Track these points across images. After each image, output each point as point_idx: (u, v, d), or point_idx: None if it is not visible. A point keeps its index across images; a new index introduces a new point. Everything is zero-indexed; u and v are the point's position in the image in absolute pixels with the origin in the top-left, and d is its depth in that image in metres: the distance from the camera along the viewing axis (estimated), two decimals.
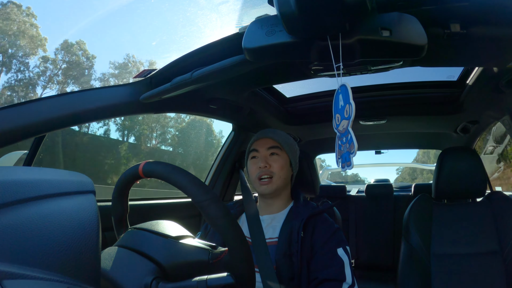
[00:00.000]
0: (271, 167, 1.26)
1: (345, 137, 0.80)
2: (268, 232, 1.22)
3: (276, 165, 1.26)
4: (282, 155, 1.29)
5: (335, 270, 1.09)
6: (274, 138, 1.30)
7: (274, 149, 1.29)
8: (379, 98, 1.94)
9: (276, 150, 1.29)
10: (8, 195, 0.43)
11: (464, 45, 0.98)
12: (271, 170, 1.26)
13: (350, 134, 0.78)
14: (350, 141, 0.78)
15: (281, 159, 1.28)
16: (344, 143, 0.81)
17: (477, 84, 1.51)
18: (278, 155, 1.29)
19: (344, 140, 0.81)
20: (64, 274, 0.40)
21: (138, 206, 1.69)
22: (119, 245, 0.71)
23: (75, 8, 43.83)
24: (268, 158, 1.28)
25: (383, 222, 3.13)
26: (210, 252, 0.69)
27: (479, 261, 1.53)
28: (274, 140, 1.30)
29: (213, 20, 3.75)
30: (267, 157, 1.28)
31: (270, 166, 1.26)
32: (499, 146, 8.26)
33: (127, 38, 52.61)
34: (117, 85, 1.32)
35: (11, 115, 1.03)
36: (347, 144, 0.79)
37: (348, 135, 0.79)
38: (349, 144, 0.78)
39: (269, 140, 1.31)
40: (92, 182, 0.54)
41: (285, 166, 1.29)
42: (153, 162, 0.72)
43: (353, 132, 0.78)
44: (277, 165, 1.27)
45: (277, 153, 1.29)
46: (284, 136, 1.33)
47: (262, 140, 1.32)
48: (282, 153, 1.30)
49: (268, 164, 1.26)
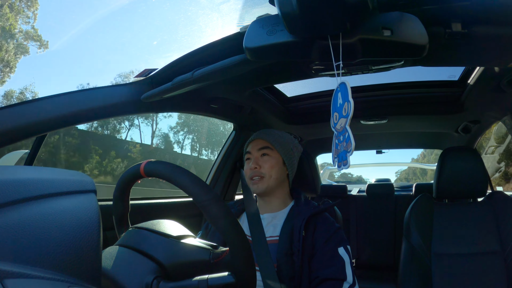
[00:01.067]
0: (261, 168, 1.27)
1: (342, 136, 0.80)
2: (268, 230, 1.22)
3: (266, 165, 1.27)
4: (273, 155, 1.30)
5: (336, 269, 1.09)
6: (265, 138, 1.31)
7: (265, 150, 1.30)
8: (380, 97, 1.94)
9: (267, 150, 1.30)
10: (9, 195, 0.43)
11: (465, 45, 0.98)
12: (260, 171, 1.27)
13: (347, 132, 0.78)
14: (347, 140, 0.77)
15: (271, 159, 1.29)
16: (341, 141, 0.80)
17: (478, 83, 1.50)
18: (269, 155, 1.30)
19: (341, 138, 0.80)
20: (65, 273, 0.40)
21: (139, 205, 1.70)
22: (120, 244, 0.71)
23: (75, 8, 43.84)
24: (259, 159, 1.29)
25: (384, 222, 3.13)
26: (211, 252, 0.69)
27: (480, 261, 1.53)
28: (265, 140, 1.31)
29: (214, 20, 3.75)
30: (258, 158, 1.30)
31: (260, 167, 1.28)
32: (500, 146, 8.26)
33: (127, 38, 52.59)
34: (118, 84, 1.32)
35: (12, 114, 1.04)
36: (344, 142, 0.78)
37: (346, 133, 0.78)
38: (346, 143, 0.78)
39: (261, 141, 1.32)
40: (93, 181, 0.54)
41: (276, 166, 1.29)
42: (155, 161, 0.72)
43: (350, 130, 0.77)
44: (267, 165, 1.27)
45: (268, 153, 1.30)
46: (276, 135, 1.33)
47: (254, 141, 1.34)
48: (273, 153, 1.30)
49: (258, 165, 1.28)
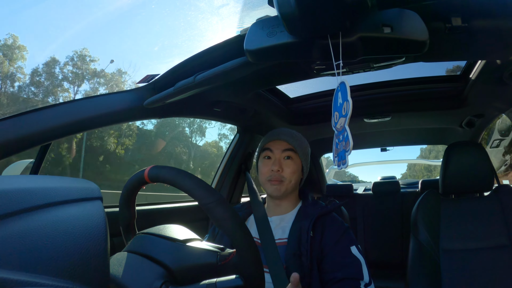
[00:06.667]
0: (283, 171, 1.24)
1: (341, 135, 0.80)
2: (277, 233, 1.21)
3: (288, 170, 1.24)
4: (296, 159, 1.27)
5: (353, 269, 1.09)
6: (290, 141, 1.27)
7: (289, 152, 1.26)
8: (383, 95, 1.93)
9: (291, 153, 1.26)
10: (16, 204, 0.43)
11: (466, 39, 0.98)
12: (282, 174, 1.24)
13: (346, 132, 0.77)
14: (346, 139, 0.77)
15: (294, 164, 1.26)
16: (340, 141, 0.80)
17: (481, 77, 1.50)
18: (292, 159, 1.26)
19: (341, 138, 0.80)
20: (73, 281, 0.41)
21: (146, 211, 1.70)
22: (128, 250, 0.72)
23: (74, 15, 44.06)
24: (282, 162, 1.26)
25: (391, 220, 3.12)
26: (218, 254, 0.69)
27: (488, 256, 1.52)
28: (289, 143, 1.27)
29: (214, 23, 3.78)
30: (281, 161, 1.26)
31: (282, 170, 1.24)
32: (505, 139, 8.18)
33: (128, 45, 52.84)
34: (121, 91, 1.33)
35: (16, 124, 1.04)
36: (343, 142, 0.78)
37: (345, 132, 0.78)
38: (345, 142, 0.77)
39: (285, 142, 1.28)
40: (99, 189, 0.54)
41: (297, 171, 1.26)
42: (159, 166, 0.72)
43: (349, 130, 0.77)
44: (289, 170, 1.24)
45: (292, 157, 1.26)
46: (299, 140, 1.30)
47: (278, 141, 1.29)
48: (295, 158, 1.27)
49: (281, 168, 1.24)
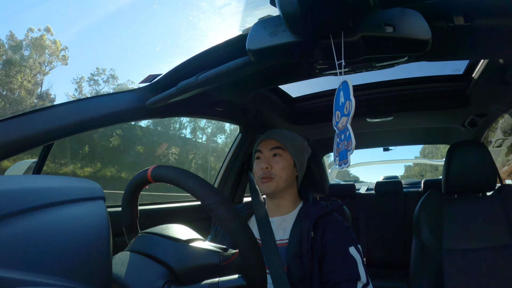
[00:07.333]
0: (272, 168, 1.26)
1: (343, 134, 0.79)
2: (278, 234, 1.22)
3: (277, 166, 1.26)
4: (285, 156, 1.29)
5: (349, 270, 1.08)
6: (278, 138, 1.30)
7: (277, 150, 1.29)
8: (385, 94, 1.93)
9: (279, 150, 1.29)
10: (19, 204, 0.43)
11: (468, 38, 0.97)
12: (271, 171, 1.26)
13: (348, 131, 0.77)
14: (348, 138, 0.77)
15: (283, 160, 1.28)
16: (342, 140, 0.80)
17: (483, 76, 1.49)
18: (281, 156, 1.28)
19: (342, 137, 0.80)
20: (76, 280, 0.41)
21: (148, 210, 1.70)
22: (130, 250, 0.72)
23: (76, 15, 44.15)
24: (270, 159, 1.28)
25: (393, 219, 3.11)
26: (221, 255, 0.69)
27: (491, 255, 1.51)
28: (277, 140, 1.30)
29: (216, 23, 3.79)
30: (270, 158, 1.28)
31: (271, 167, 1.26)
32: (507, 139, 8.18)
33: (130, 45, 52.95)
34: (123, 91, 1.33)
35: (19, 124, 1.05)
36: (345, 141, 0.78)
37: (347, 132, 0.78)
38: (347, 141, 0.77)
39: (273, 141, 1.31)
40: (102, 188, 0.54)
41: (287, 167, 1.28)
42: (162, 166, 0.72)
43: (351, 129, 0.77)
44: (278, 166, 1.26)
45: (280, 154, 1.29)
46: (289, 136, 1.32)
47: (266, 141, 1.32)
48: (285, 154, 1.29)
49: (269, 165, 1.26)
